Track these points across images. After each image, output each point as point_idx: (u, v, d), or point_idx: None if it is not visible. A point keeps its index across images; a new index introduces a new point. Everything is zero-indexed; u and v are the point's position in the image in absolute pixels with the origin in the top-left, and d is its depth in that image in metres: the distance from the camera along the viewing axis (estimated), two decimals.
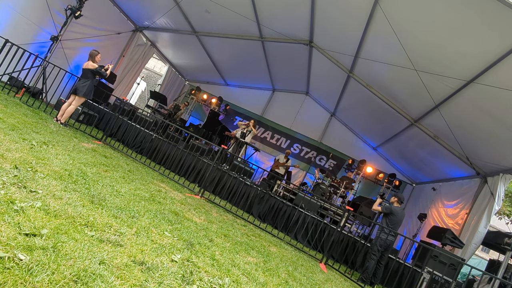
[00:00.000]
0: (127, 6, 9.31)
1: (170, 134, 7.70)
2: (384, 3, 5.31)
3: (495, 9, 3.94)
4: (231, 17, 8.00)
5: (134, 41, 10.46)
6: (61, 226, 2.06)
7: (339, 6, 6.39)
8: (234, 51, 10.46)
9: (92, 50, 6.41)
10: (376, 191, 11.05)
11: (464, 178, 7.86)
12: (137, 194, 3.78)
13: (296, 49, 8.91)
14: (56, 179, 2.89)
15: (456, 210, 7.61)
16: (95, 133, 6.75)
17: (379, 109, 8.67)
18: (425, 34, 5.33)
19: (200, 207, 4.94)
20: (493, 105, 5.35)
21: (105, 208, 2.78)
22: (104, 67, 6.52)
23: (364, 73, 7.99)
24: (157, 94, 11.08)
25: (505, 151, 6.00)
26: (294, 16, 7.57)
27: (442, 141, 7.50)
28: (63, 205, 2.41)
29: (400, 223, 5.79)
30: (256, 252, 3.95)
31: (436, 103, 6.38)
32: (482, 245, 7.49)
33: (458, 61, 5.21)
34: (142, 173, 5.32)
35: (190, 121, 13.35)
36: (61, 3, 7.60)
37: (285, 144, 12.85)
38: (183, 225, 3.46)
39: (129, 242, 2.34)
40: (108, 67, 6.58)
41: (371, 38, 6.49)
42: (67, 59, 8.51)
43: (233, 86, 13.80)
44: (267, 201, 6.84)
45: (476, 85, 5.23)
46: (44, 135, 4.35)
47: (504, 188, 6.55)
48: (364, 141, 12.14)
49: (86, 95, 6.22)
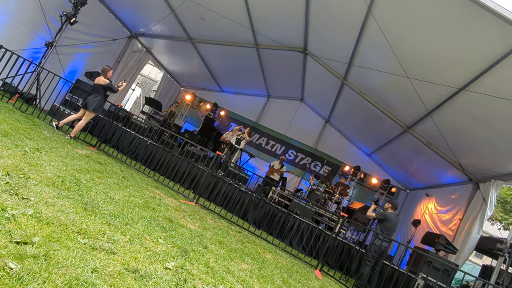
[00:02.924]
0: (122, 12, 9.35)
1: (165, 140, 7.68)
2: (377, 12, 5.41)
3: (485, 19, 4.04)
4: (226, 24, 8.07)
5: (129, 47, 10.48)
6: (53, 234, 2.04)
7: (332, 14, 6.49)
8: (229, 58, 10.52)
9: (105, 66, 6.43)
10: (370, 197, 11.10)
11: (457, 184, 7.94)
12: (131, 200, 3.76)
13: (291, 56, 9.00)
14: (49, 186, 2.86)
15: (449, 216, 7.67)
16: (89, 139, 6.71)
17: (373, 116, 8.76)
18: (417, 42, 5.43)
19: (194, 213, 4.91)
20: (484, 112, 5.45)
21: (98, 215, 2.76)
22: (118, 84, 6.55)
23: (358, 80, 8.09)
24: (152, 101, 11.07)
25: (496, 158, 6.09)
26: (289, 24, 7.66)
27: (435, 148, 7.59)
28: (56, 212, 2.38)
29: (394, 229, 5.82)
30: (251, 259, 3.93)
31: (429, 110, 6.47)
32: (475, 250, 7.54)
33: (450, 69, 5.31)
34: (137, 180, 5.29)
35: (185, 127, 13.33)
36: (57, 9, 7.60)
37: (280, 150, 12.88)
38: (177, 232, 3.44)
39: (123, 250, 2.33)
40: (122, 84, 6.61)
41: (364, 45, 6.58)
42: (61, 65, 8.49)
43: (228, 93, 13.84)
44: (262, 207, 6.83)
45: (467, 92, 5.32)
46: (37, 141, 4.31)
47: (496, 194, 6.63)
48: (358, 147, 12.23)
49: (96, 110, 6.23)
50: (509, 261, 4.18)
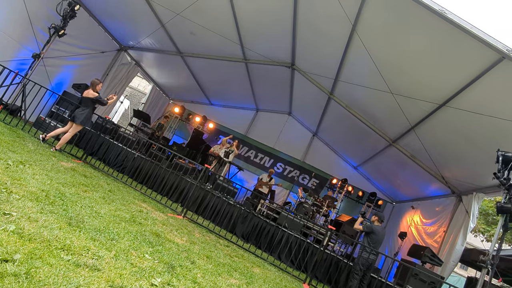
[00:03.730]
0: (112, 26, 9.38)
1: (153, 153, 7.62)
2: (361, 31, 5.63)
3: (463, 40, 4.28)
4: (215, 39, 8.20)
5: (118, 60, 10.46)
6: (35, 251, 2.00)
7: (319, 31, 6.70)
8: (218, 72, 10.64)
9: (94, 79, 6.43)
10: (357, 210, 11.19)
11: (441, 196, 8.13)
12: (118, 215, 3.70)
13: (279, 71, 9.18)
14: (32, 200, 2.81)
15: (434, 228, 7.80)
16: (75, 152, 6.60)
17: (359, 130, 8.95)
18: (399, 60, 5.67)
19: (182, 227, 4.86)
20: (465, 127, 5.67)
21: (83, 230, 2.71)
22: (108, 97, 6.54)
23: (344, 95, 8.30)
24: (140, 113, 11.01)
25: (477, 171, 6.30)
26: (277, 40, 7.85)
27: (419, 161, 7.78)
28: (39, 228, 2.34)
29: (381, 242, 5.88)
30: (239, 273, 3.90)
31: (412, 124, 6.67)
32: (460, 262, 7.67)
33: (431, 85, 5.54)
34: (123, 193, 5.21)
35: (174, 139, 13.26)
36: (45, 21, 7.57)
37: (269, 163, 12.93)
38: (164, 247, 3.40)
39: (107, 266, 2.29)
40: (112, 97, 6.60)
41: (350, 62, 6.80)
42: (48, 76, 8.39)
43: (217, 106, 13.92)
44: (250, 220, 6.80)
45: (448, 108, 5.54)
46: (21, 154, 4.22)
47: (478, 206, 6.80)
48: (345, 161, 12.40)
49: (83, 122, 6.18)
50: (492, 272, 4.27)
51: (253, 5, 6.71)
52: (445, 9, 4.24)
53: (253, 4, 6.69)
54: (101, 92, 6.62)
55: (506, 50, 4.04)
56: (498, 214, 4.30)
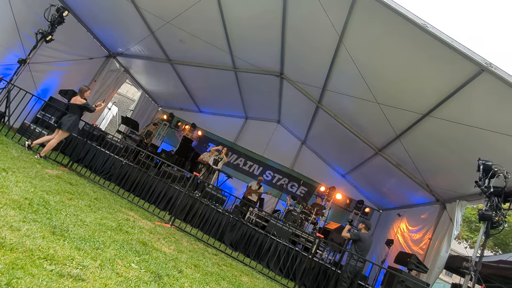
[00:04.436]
0: (101, 32, 9.33)
1: (141, 160, 7.54)
2: (348, 42, 5.78)
3: (445, 54, 4.45)
4: (205, 47, 8.26)
5: (107, 66, 10.38)
6: (17, 261, 1.95)
7: (307, 42, 6.85)
8: (208, 80, 10.68)
9: (82, 86, 6.40)
10: (345, 217, 11.29)
11: (426, 204, 8.29)
12: (103, 223, 3.64)
13: (268, 80, 9.28)
14: (14, 208, 2.74)
15: (420, 235, 7.93)
16: (60, 159, 6.47)
17: (347, 138, 9.10)
18: (384, 71, 5.84)
19: (170, 236, 4.80)
20: (447, 136, 5.85)
21: (67, 239, 2.66)
22: (96, 104, 6.52)
23: (332, 104, 8.45)
24: (128, 120, 10.91)
25: (459, 179, 6.48)
26: (266, 49, 7.97)
27: (404, 169, 7.95)
28: (21, 237, 2.28)
29: (368, 249, 5.95)
30: (227, 282, 3.88)
31: (397, 133, 6.84)
32: (445, 269, 7.79)
33: (414, 96, 5.72)
34: (110, 201, 5.13)
35: (162, 147, 13.15)
36: (32, 27, 7.47)
37: (258, 171, 12.94)
38: (151, 256, 3.35)
39: (92, 276, 2.25)
40: (100, 104, 6.57)
41: (337, 72, 6.95)
42: (34, 82, 8.24)
43: (207, 113, 13.92)
44: (239, 228, 6.77)
45: (431, 118, 5.72)
46: (4, 161, 4.12)
47: (461, 213, 6.96)
48: (333, 169, 12.54)
49: (70, 129, 6.10)
50: (475, 278, 4.37)
51: (242, 14, 6.82)
52: (427, 23, 4.41)
53: (242, 14, 6.80)
54: (89, 99, 6.56)
55: (485, 63, 4.21)
56: (480, 222, 4.44)
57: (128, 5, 7.39)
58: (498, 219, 4.26)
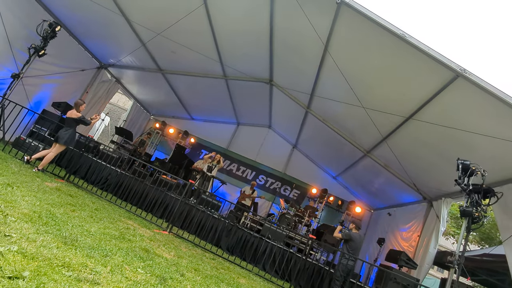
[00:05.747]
0: (92, 44, 9.46)
1: (136, 169, 7.68)
2: (333, 51, 6.10)
3: (422, 61, 4.79)
4: (196, 57, 8.48)
5: (98, 77, 10.48)
6: (40, 268, 2.14)
7: (294, 51, 7.16)
8: (199, 88, 10.90)
9: (78, 100, 6.57)
10: (338, 218, 11.59)
11: (414, 203, 8.65)
12: (107, 232, 3.82)
13: (258, 87, 9.57)
14: (27, 222, 2.91)
15: (409, 233, 8.26)
16: (57, 171, 6.57)
17: (336, 141, 9.43)
18: (368, 77, 6.19)
19: (169, 242, 4.98)
20: (430, 138, 6.20)
21: (78, 248, 2.84)
22: (92, 117, 6.67)
23: (320, 109, 8.78)
24: (122, 130, 11.01)
25: (444, 178, 6.82)
26: (255, 58, 8.25)
27: (392, 170, 8.30)
28: (38, 247, 2.46)
29: (359, 248, 6.23)
30: (226, 284, 4.08)
31: (383, 136, 7.18)
32: (434, 264, 8.12)
33: (398, 100, 6.07)
34: (109, 211, 5.28)
35: (156, 155, 13.25)
36: (24, 42, 7.58)
37: (251, 176, 13.17)
38: (154, 261, 3.54)
39: (105, 280, 2.44)
40: (95, 117, 6.72)
41: (324, 78, 7.27)
42: (27, 96, 8.31)
43: (199, 121, 14.11)
44: (235, 233, 6.97)
45: (414, 121, 6.07)
46: (7, 177, 4.26)
47: (447, 210, 7.32)
48: (324, 171, 12.86)
49: (67, 143, 6.25)
50: (459, 271, 4.67)
51: (231, 27, 7.08)
52: (406, 33, 4.75)
53: (231, 26, 7.07)
54: (83, 111, 6.70)
55: (459, 69, 4.56)
56: (462, 218, 4.75)
57: (119, 18, 7.57)
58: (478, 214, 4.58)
